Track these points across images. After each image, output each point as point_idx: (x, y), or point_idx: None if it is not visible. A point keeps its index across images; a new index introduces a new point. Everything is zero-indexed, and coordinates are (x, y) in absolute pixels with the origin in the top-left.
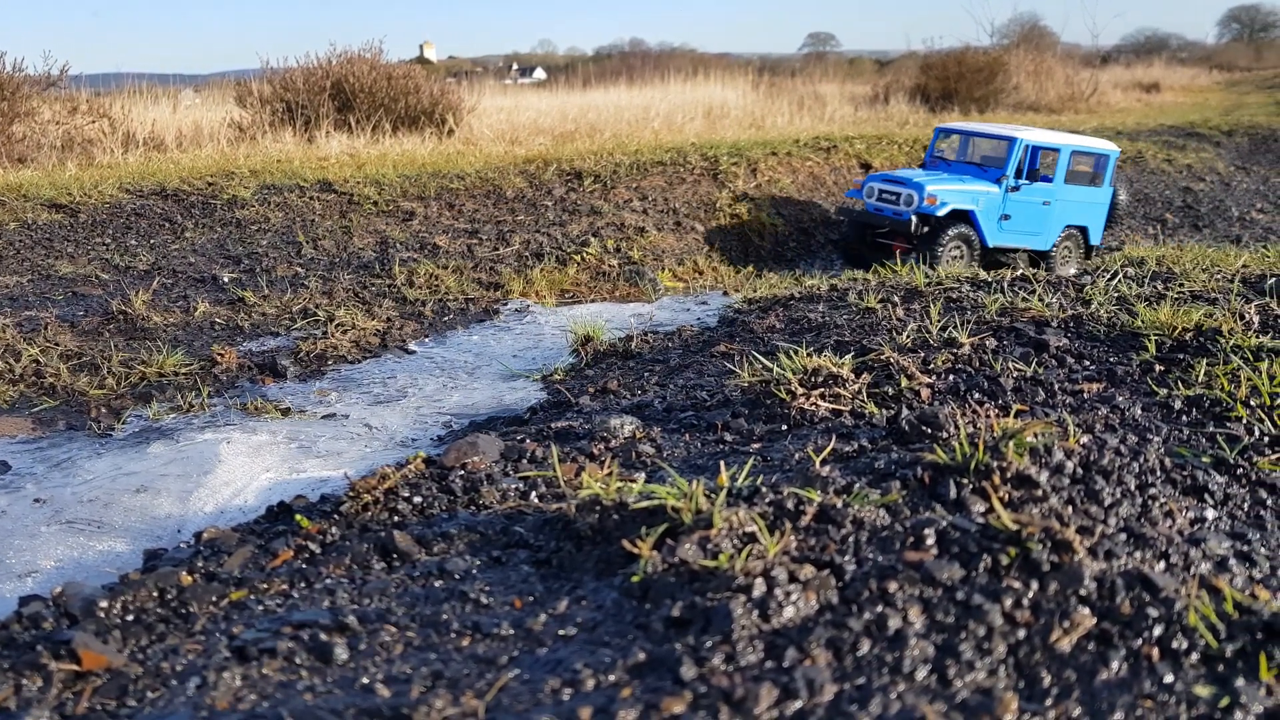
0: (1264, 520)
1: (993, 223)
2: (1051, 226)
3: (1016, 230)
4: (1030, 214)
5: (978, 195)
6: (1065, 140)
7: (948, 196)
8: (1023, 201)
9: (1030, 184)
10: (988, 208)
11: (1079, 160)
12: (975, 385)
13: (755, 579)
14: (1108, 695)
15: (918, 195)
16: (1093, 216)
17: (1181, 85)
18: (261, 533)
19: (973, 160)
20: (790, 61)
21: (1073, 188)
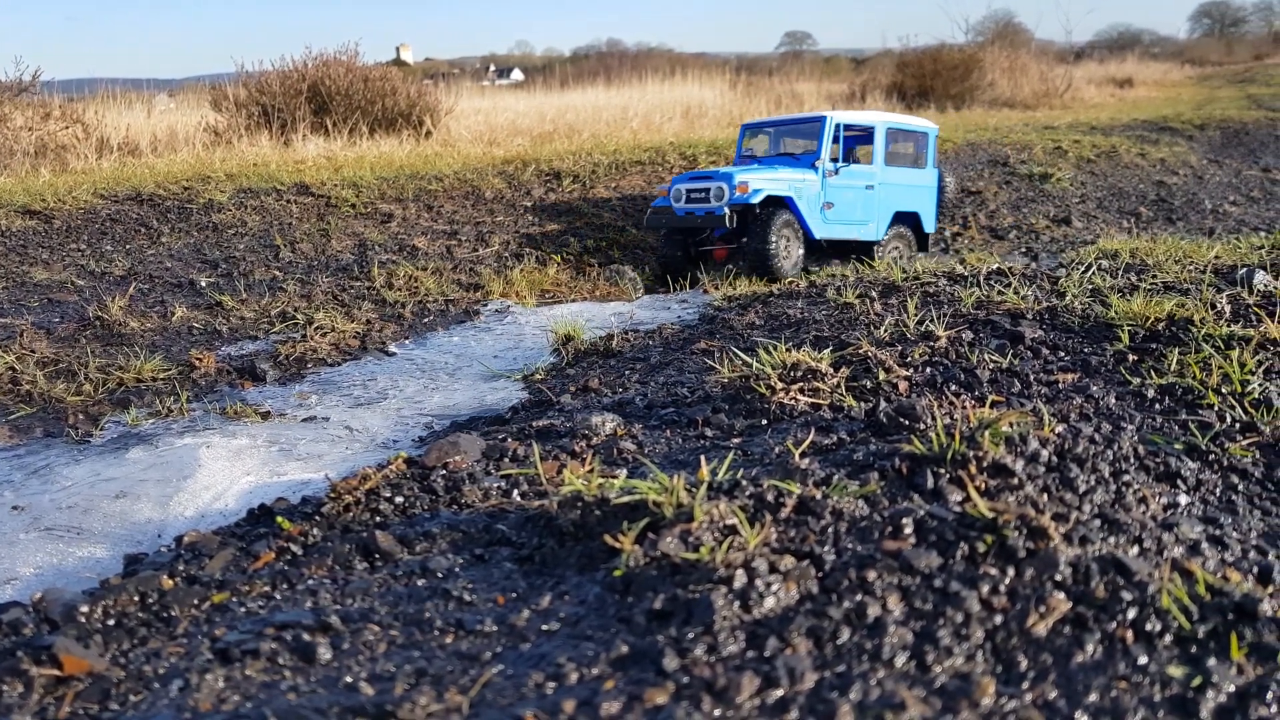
0: (1236, 504)
1: (815, 212)
2: (879, 214)
3: (842, 219)
4: (854, 201)
5: (793, 182)
6: (880, 118)
7: (761, 183)
8: (844, 187)
9: (849, 166)
10: (808, 196)
11: (898, 140)
12: (952, 377)
13: (736, 570)
14: (1083, 677)
15: (728, 186)
16: (922, 202)
17: (1154, 80)
18: (243, 535)
19: (786, 153)
20: (767, 60)
21: (896, 170)
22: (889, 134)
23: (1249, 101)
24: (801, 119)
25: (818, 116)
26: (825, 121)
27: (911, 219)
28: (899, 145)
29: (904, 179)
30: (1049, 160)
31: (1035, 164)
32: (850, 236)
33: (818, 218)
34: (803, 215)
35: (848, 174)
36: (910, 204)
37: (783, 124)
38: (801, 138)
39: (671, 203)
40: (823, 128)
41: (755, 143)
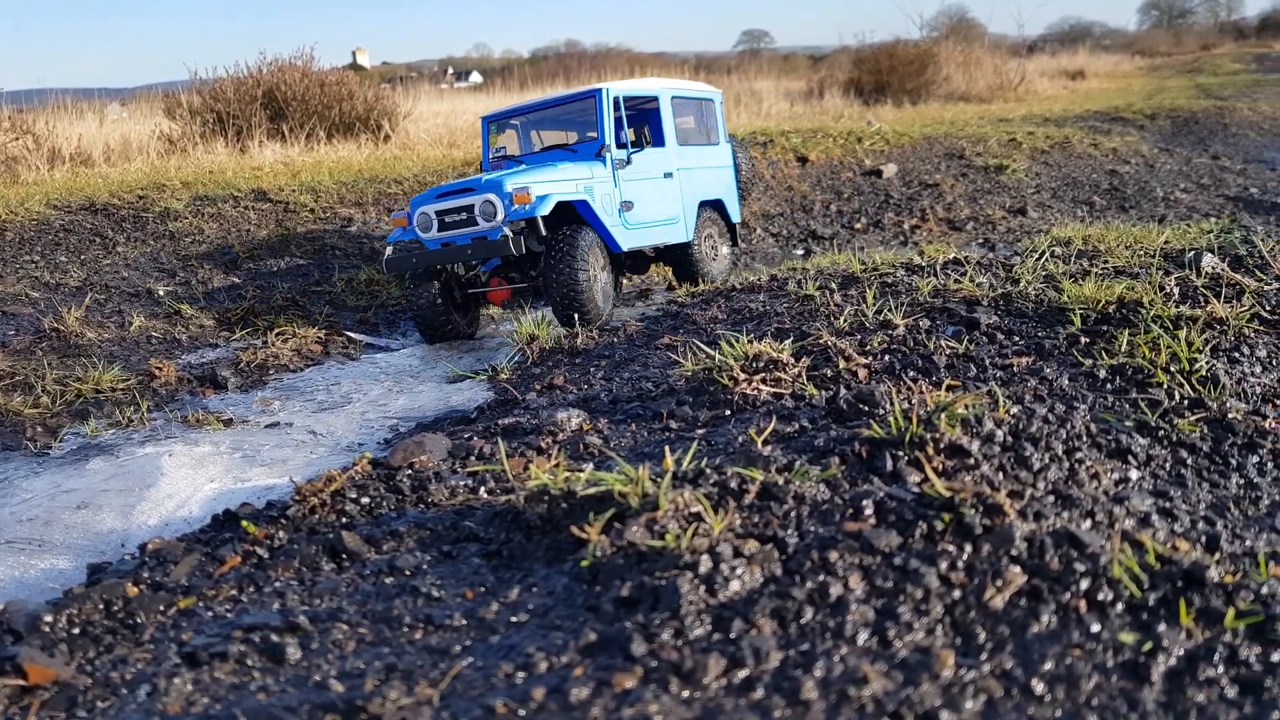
0: (1185, 478)
1: (614, 217)
2: (685, 207)
3: (647, 221)
4: (656, 194)
5: (581, 180)
6: (661, 85)
7: (543, 187)
8: (641, 179)
9: (640, 152)
10: (603, 197)
11: (685, 110)
12: (910, 364)
13: (701, 556)
14: (1039, 647)
15: (499, 199)
16: (724, 185)
17: (1105, 72)
18: (208, 541)
19: (555, 147)
20: (726, 59)
21: (690, 149)
22: (675, 105)
23: (1198, 91)
24: (567, 98)
25: (590, 91)
26: (602, 96)
27: (716, 208)
28: (687, 118)
29: (701, 160)
30: (1004, 152)
31: (991, 156)
32: (660, 241)
33: (619, 223)
34: (601, 223)
35: (642, 161)
36: (713, 190)
37: (541, 108)
38: (571, 125)
39: (418, 233)
40: (600, 105)
41: (507, 139)
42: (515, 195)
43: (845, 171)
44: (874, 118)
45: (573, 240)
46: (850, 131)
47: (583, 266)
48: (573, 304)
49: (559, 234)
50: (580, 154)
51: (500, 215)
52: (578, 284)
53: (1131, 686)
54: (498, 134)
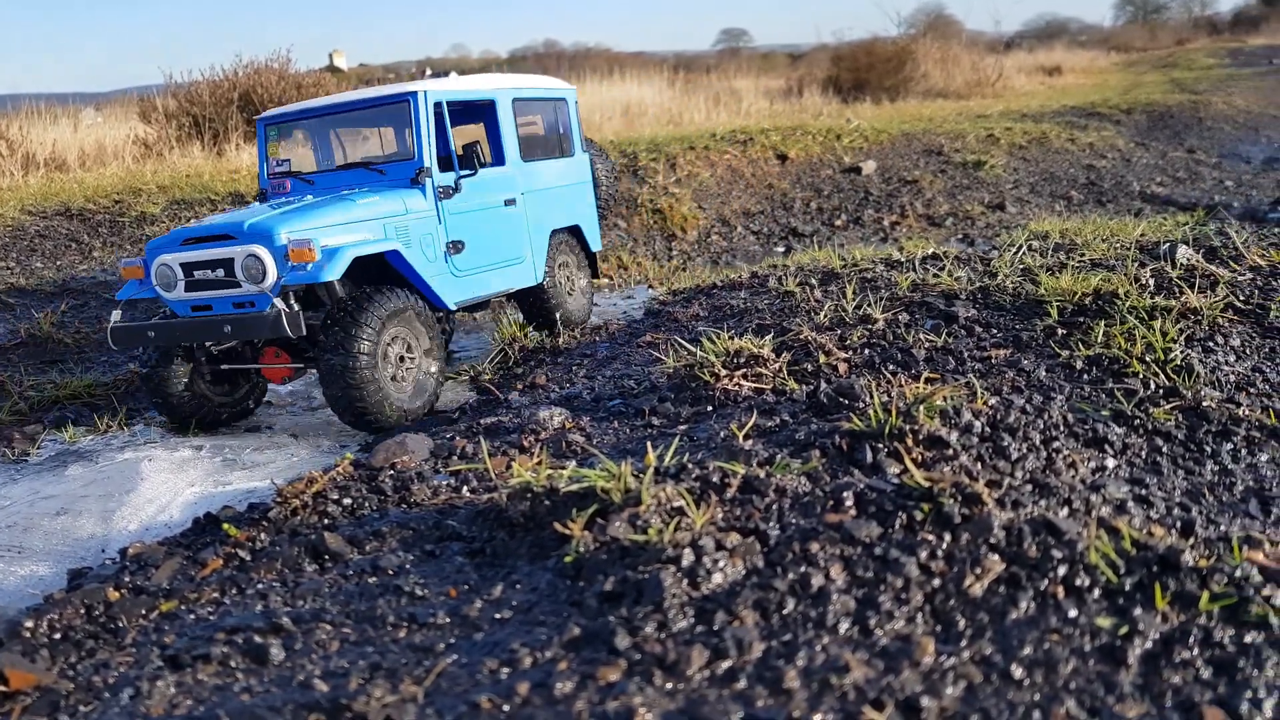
0: (1160, 465)
1: (438, 264)
2: (532, 240)
3: (484, 264)
4: (495, 228)
5: (391, 220)
6: (500, 83)
7: (333, 235)
8: (474, 210)
9: (473, 174)
10: (420, 238)
11: (530, 114)
12: (889, 357)
13: (684, 549)
14: (1018, 633)
15: (269, 252)
16: (581, 207)
17: (1082, 67)
18: (189, 544)
19: (359, 164)
20: (705, 58)
21: (539, 165)
22: (518, 109)
23: (1173, 85)
24: (373, 100)
25: (402, 95)
26: (418, 102)
27: (572, 234)
28: (533, 124)
29: (552, 177)
30: (982, 148)
31: (969, 152)
32: (502, 288)
33: (444, 272)
34: (419, 276)
35: (475, 187)
36: (568, 213)
37: (337, 110)
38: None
39: (159, 292)
40: (415, 115)
41: (293, 148)
42: (292, 250)
43: (825, 169)
44: (853, 115)
45: (355, 314)
46: (829, 129)
47: (364, 352)
48: (350, 405)
49: (346, 301)
50: (390, 178)
51: (271, 277)
52: (355, 377)
53: (1109, 670)
54: (280, 141)
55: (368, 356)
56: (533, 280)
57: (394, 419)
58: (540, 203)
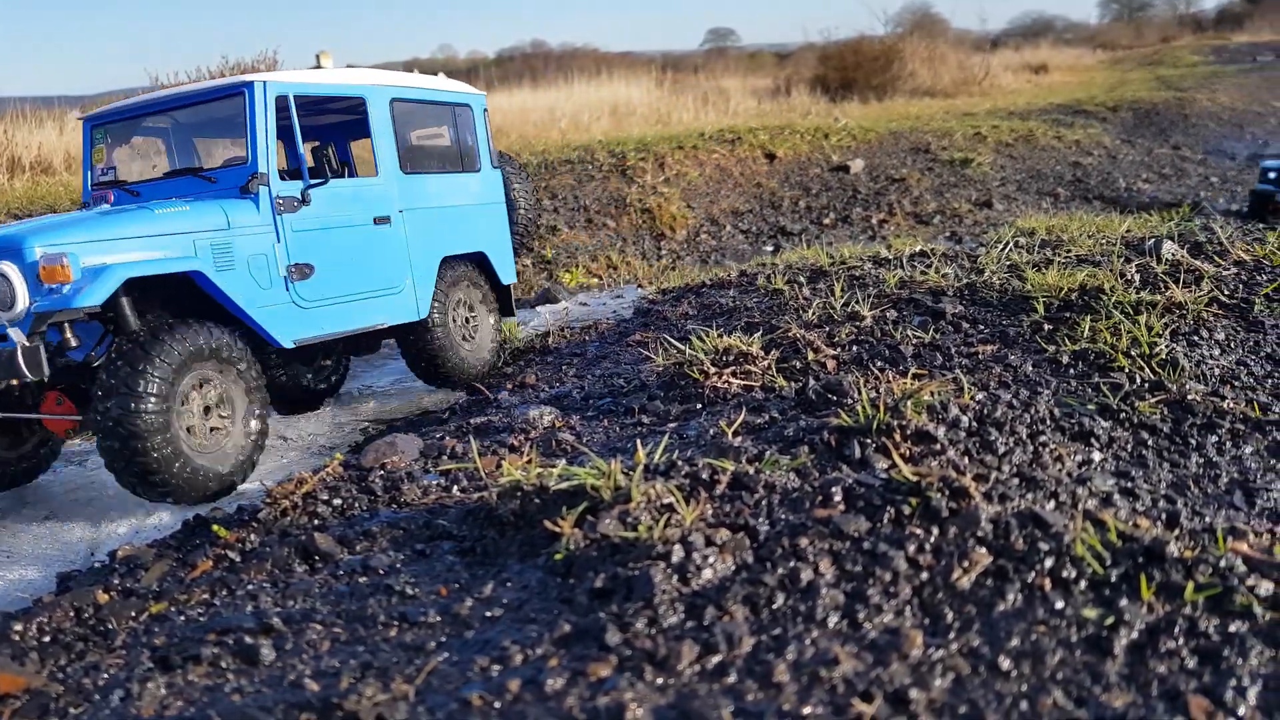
0: (1146, 458)
1: (275, 291)
2: (414, 266)
3: (340, 294)
4: (358, 250)
5: (201, 234)
6: (373, 79)
7: (103, 251)
8: (329, 228)
9: (324, 184)
10: (246, 259)
11: (421, 122)
12: (877, 354)
13: (674, 546)
14: (1005, 625)
15: (17, 269)
16: (487, 231)
17: (1068, 65)
18: (179, 546)
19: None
20: (692, 58)
21: (428, 180)
22: (400, 113)
23: (1158, 83)
24: (202, 94)
25: (235, 85)
26: (253, 94)
27: (476, 264)
28: (425, 131)
29: (447, 195)
30: (969, 146)
31: (956, 150)
32: (367, 323)
33: (284, 302)
34: (241, 305)
35: (331, 200)
36: (467, 238)
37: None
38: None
39: None
40: (249, 107)
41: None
42: (43, 268)
43: (813, 168)
44: (840, 114)
45: (141, 352)
46: (817, 128)
47: (149, 398)
48: (130, 466)
49: (136, 334)
50: (219, 187)
51: (21, 302)
52: (136, 429)
53: (1095, 660)
54: (110, 146)
55: (155, 406)
56: (413, 315)
57: (191, 490)
58: (428, 223)
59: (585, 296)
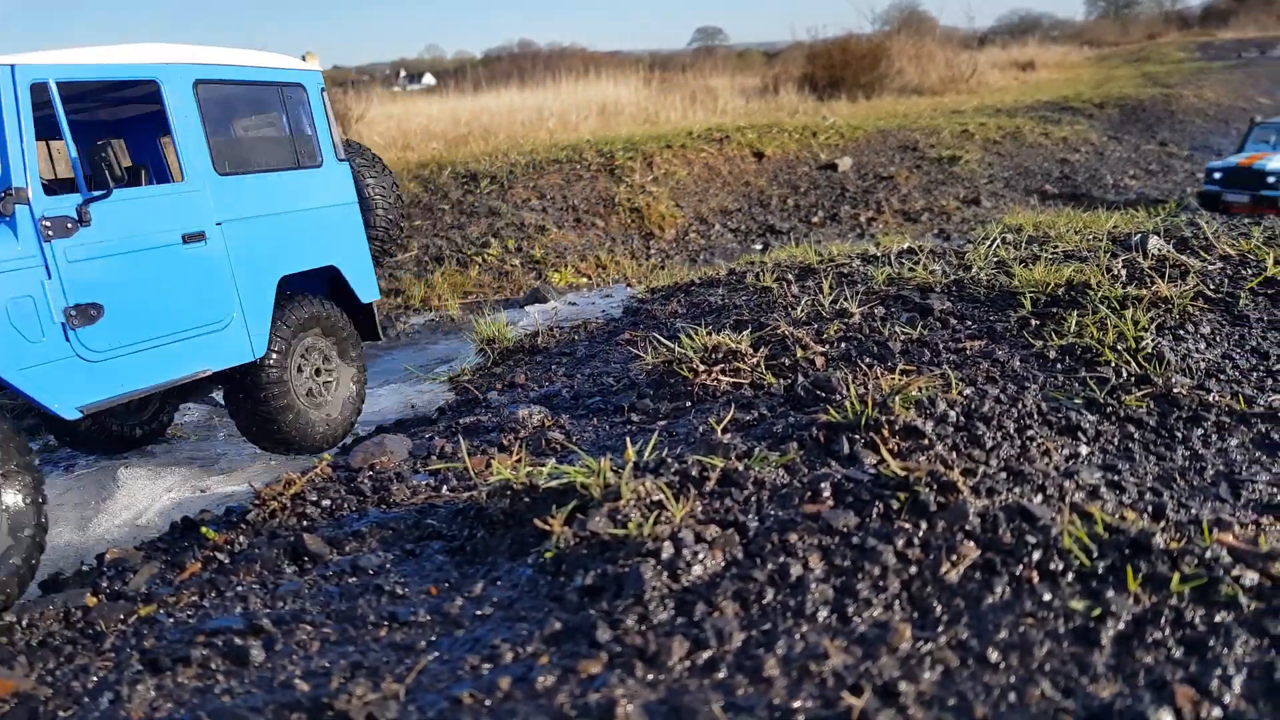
0: (1132, 451)
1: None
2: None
3: (137, 337)
4: (165, 279)
5: None
6: (166, 55)
7: None
8: (125, 254)
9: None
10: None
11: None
12: (866, 350)
13: (664, 543)
14: (993, 617)
15: None
16: (337, 239)
17: (1055, 62)
18: (167, 549)
19: None
20: (680, 57)
21: (253, 182)
22: (206, 96)
23: (1145, 79)
24: None
25: None
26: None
27: (327, 281)
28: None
29: (281, 198)
30: (957, 143)
31: (944, 148)
32: (174, 376)
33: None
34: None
35: (121, 215)
36: (310, 251)
37: None
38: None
39: None
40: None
41: None
42: None
43: (801, 166)
44: (828, 112)
45: None
46: (805, 126)
47: None
48: None
49: None
50: None
51: None
52: None
53: (1082, 651)
54: None
55: None
56: (245, 355)
57: None
58: (257, 236)
59: (574, 296)
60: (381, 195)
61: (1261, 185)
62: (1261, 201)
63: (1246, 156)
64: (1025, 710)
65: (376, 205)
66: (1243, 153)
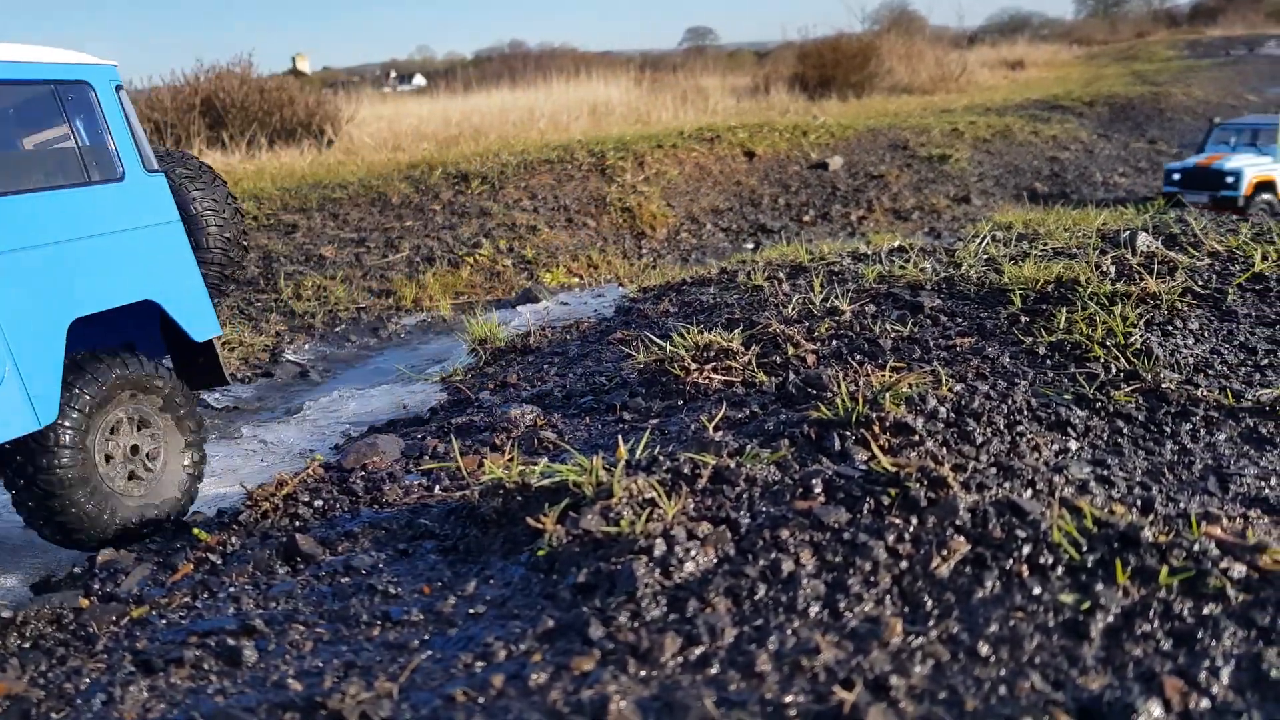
0: (1121, 446)
1: None
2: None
3: None
4: None
5: None
6: None
7: None
8: None
9: None
10: None
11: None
12: (856, 348)
13: (656, 540)
14: (983, 611)
15: None
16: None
17: (1044, 61)
18: (159, 550)
19: None
20: (671, 57)
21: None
22: None
23: (1134, 78)
24: None
25: None
26: None
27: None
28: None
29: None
30: (947, 142)
31: (934, 146)
32: None
33: None
34: None
35: None
36: (116, 285)
37: None
38: None
39: None
40: None
41: None
42: None
43: (792, 165)
44: (819, 111)
45: None
46: (796, 126)
47: None
48: None
49: None
50: None
51: None
52: None
53: (1072, 644)
54: None
55: None
56: (26, 424)
57: None
58: (32, 270)
59: (566, 296)
60: (213, 211)
61: (1221, 185)
62: (1221, 202)
63: (1205, 157)
64: (1015, 703)
65: (207, 223)
66: (1202, 154)
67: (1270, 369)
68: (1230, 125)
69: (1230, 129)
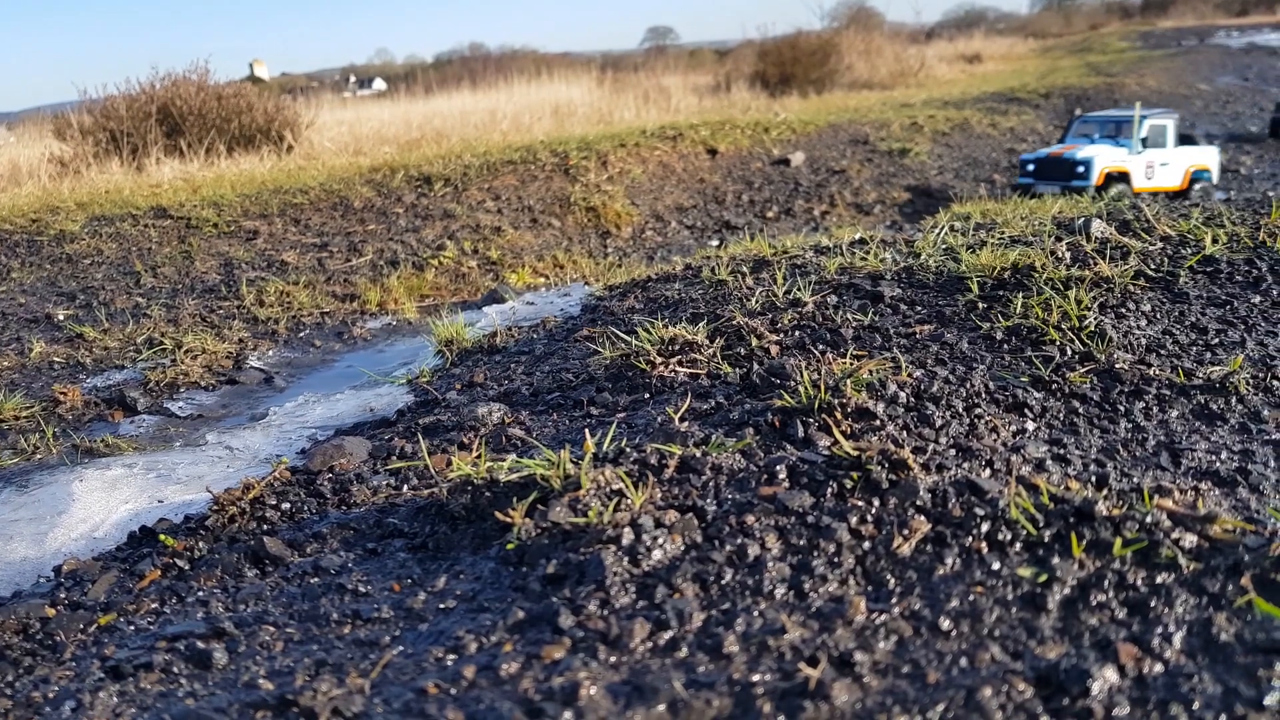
0: (1077, 426)
1: None
2: None
3: None
4: None
5: None
6: None
7: None
8: None
9: None
10: None
11: None
12: (819, 338)
13: (624, 529)
14: (944, 587)
15: None
16: None
17: (1001, 54)
18: (125, 558)
19: None
20: (633, 56)
21: None
22: None
23: (1088, 69)
24: None
25: None
26: None
27: None
28: None
29: None
30: (907, 136)
31: (894, 140)
32: None
33: None
34: None
35: None
36: None
37: None
38: None
39: None
40: None
41: None
42: None
43: (755, 162)
44: (780, 108)
45: None
46: (758, 122)
47: None
48: None
49: None
50: None
51: None
52: None
53: (1030, 616)
54: None
55: None
56: None
57: None
58: None
59: (532, 296)
60: None
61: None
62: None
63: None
64: (976, 673)
65: None
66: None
67: (1220, 348)
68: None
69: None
